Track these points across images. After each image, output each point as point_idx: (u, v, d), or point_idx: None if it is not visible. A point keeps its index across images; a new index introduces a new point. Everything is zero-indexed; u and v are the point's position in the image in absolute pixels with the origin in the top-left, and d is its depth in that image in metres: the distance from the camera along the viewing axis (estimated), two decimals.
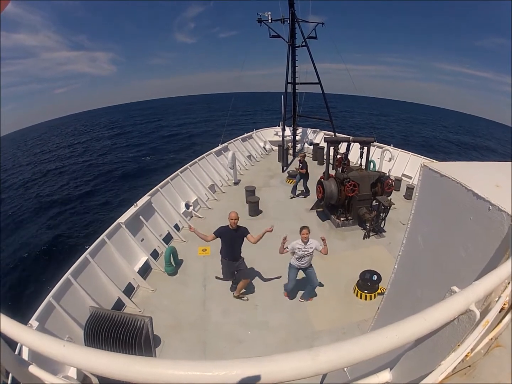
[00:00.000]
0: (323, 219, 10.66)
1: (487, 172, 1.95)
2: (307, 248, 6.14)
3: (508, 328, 1.27)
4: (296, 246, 6.13)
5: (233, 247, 6.36)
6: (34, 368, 1.17)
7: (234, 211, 6.26)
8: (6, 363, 1.08)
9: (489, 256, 1.49)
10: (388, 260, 8.00)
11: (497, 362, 1.22)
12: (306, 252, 6.16)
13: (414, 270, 2.34)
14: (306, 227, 6.13)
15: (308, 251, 6.17)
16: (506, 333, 1.27)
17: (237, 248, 6.42)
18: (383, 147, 14.47)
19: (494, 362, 1.22)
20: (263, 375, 0.81)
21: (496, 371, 1.20)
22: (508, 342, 1.24)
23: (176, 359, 0.84)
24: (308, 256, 6.26)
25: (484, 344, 1.25)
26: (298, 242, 6.14)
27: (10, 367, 1.12)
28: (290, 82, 16.64)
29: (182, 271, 8.04)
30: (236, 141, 17.27)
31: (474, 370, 1.22)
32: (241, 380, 0.80)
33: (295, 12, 15.11)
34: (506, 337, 1.26)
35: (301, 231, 6.07)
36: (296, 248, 6.14)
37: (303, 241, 6.10)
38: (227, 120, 17.29)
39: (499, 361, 1.22)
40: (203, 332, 6.20)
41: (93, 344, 5.16)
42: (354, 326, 6.25)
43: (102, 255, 7.21)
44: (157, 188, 10.34)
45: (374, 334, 0.87)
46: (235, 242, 6.32)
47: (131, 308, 6.81)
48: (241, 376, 0.80)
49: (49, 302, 5.64)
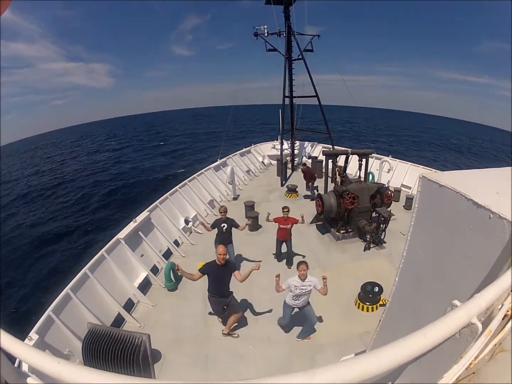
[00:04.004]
0: (323, 233, 10.62)
1: (487, 179, 1.95)
2: (305, 286, 5.47)
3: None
4: (293, 283, 5.48)
5: (221, 284, 5.88)
6: (32, 381, 1.16)
7: (222, 245, 5.79)
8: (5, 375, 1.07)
9: (490, 265, 1.48)
10: (389, 271, 7.96)
11: (501, 367, 1.20)
12: (304, 290, 5.50)
13: (415, 282, 2.32)
14: (304, 262, 5.48)
15: (305, 289, 5.51)
16: (509, 338, 1.25)
17: (225, 285, 5.93)
18: (382, 158, 14.52)
19: (498, 366, 1.21)
20: None
21: (500, 376, 1.18)
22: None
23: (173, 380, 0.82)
24: (306, 295, 5.62)
25: (487, 350, 1.23)
26: (294, 279, 5.49)
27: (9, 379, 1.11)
28: (287, 96, 16.68)
29: (182, 286, 7.98)
30: (234, 156, 17.32)
31: (478, 376, 1.21)
32: None
33: (291, 25, 15.21)
34: (510, 342, 1.24)
35: (299, 266, 5.42)
36: (292, 286, 5.49)
37: (301, 278, 5.44)
38: (224, 135, 17.35)
39: (503, 366, 1.20)
40: (204, 347, 6.13)
41: (91, 360, 5.14)
42: (357, 338, 6.18)
43: (101, 270, 7.19)
44: (156, 204, 10.33)
45: (372, 354, 0.85)
46: (224, 278, 5.85)
47: (131, 323, 6.76)
48: None
49: (48, 316, 5.66)
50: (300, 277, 5.43)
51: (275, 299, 6.70)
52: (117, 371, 4.95)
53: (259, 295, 7.38)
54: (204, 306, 7.15)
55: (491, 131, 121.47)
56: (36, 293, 12.22)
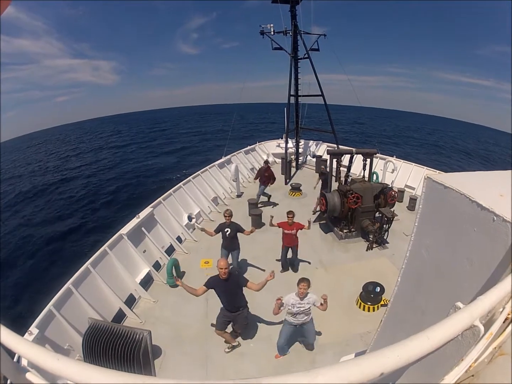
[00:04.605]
0: (326, 232, 10.61)
1: (491, 181, 1.94)
2: (303, 304, 5.19)
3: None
4: (290, 301, 5.16)
5: (231, 297, 5.54)
6: (31, 375, 1.16)
7: (223, 259, 5.41)
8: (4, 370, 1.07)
9: (493, 268, 1.47)
10: (392, 272, 7.94)
11: (500, 370, 1.19)
12: (302, 308, 5.21)
13: (417, 283, 2.31)
14: (306, 279, 5.08)
15: (303, 307, 5.22)
16: (510, 342, 1.24)
17: (235, 298, 5.57)
18: (386, 159, 14.47)
19: (498, 370, 1.20)
20: None
21: (499, 379, 1.18)
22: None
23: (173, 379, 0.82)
24: (304, 314, 5.34)
25: (487, 353, 1.23)
26: (292, 296, 5.18)
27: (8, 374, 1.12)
28: (293, 95, 16.65)
29: (184, 283, 7.98)
30: (239, 154, 17.31)
31: (477, 379, 1.20)
32: None
33: (297, 24, 15.19)
34: (510, 346, 1.23)
35: (300, 283, 5.04)
36: (290, 304, 5.17)
37: (299, 296, 5.12)
38: (229, 132, 17.34)
39: (502, 369, 1.19)
40: (205, 345, 6.14)
41: (91, 355, 5.16)
42: (357, 338, 6.17)
43: (103, 265, 7.22)
44: (159, 200, 10.36)
45: (376, 354, 0.84)
46: (231, 292, 5.48)
47: (132, 319, 6.78)
48: None
49: (49, 311, 5.68)
50: (298, 294, 5.13)
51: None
52: (117, 366, 4.99)
53: (261, 294, 7.37)
54: (206, 303, 7.16)
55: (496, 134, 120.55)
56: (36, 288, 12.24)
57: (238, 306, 5.66)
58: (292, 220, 7.91)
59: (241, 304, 5.70)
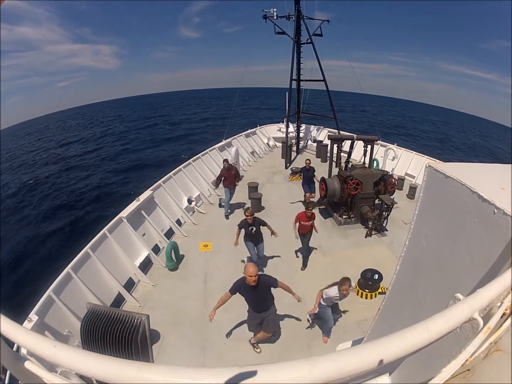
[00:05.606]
0: (326, 217, 10.64)
1: (493, 174, 1.92)
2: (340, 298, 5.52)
3: (508, 333, 1.24)
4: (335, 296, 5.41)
5: (261, 302, 5.31)
6: (30, 364, 1.16)
7: (252, 264, 4.81)
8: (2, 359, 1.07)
9: (492, 261, 1.47)
10: (390, 259, 7.99)
11: (496, 367, 1.19)
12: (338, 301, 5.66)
13: (416, 272, 2.31)
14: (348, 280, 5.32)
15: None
16: (506, 338, 1.24)
17: (263, 301, 5.31)
18: (387, 146, 14.39)
19: (493, 366, 1.20)
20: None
21: (494, 376, 1.18)
22: (508, 347, 1.22)
23: (169, 365, 0.81)
24: None
25: (483, 348, 1.23)
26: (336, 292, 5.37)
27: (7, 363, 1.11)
28: (294, 79, 16.55)
29: (183, 266, 8.03)
30: (239, 137, 17.23)
31: (473, 374, 1.20)
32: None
33: (300, 9, 14.98)
34: (506, 342, 1.23)
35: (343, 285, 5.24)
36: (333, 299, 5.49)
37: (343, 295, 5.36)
38: (230, 116, 17.22)
39: (498, 366, 1.19)
40: (203, 329, 6.17)
41: (89, 341, 5.18)
42: (355, 326, 6.22)
43: (103, 249, 7.22)
44: (159, 183, 10.32)
45: (374, 344, 0.84)
46: (259, 297, 5.17)
47: (131, 303, 6.82)
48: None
49: (49, 296, 5.66)
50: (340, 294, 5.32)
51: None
52: (115, 352, 5.02)
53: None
54: (204, 287, 7.19)
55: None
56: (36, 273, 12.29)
57: (266, 307, 5.40)
58: (311, 212, 7.53)
59: (270, 304, 5.47)
